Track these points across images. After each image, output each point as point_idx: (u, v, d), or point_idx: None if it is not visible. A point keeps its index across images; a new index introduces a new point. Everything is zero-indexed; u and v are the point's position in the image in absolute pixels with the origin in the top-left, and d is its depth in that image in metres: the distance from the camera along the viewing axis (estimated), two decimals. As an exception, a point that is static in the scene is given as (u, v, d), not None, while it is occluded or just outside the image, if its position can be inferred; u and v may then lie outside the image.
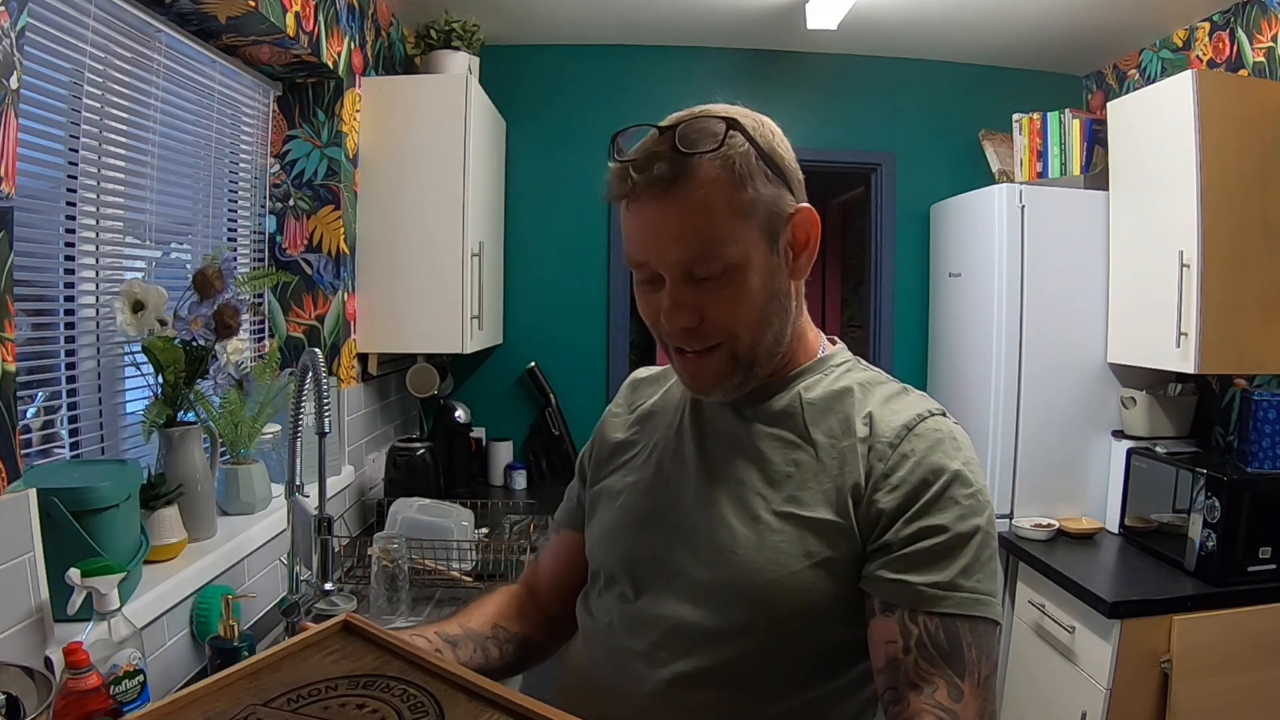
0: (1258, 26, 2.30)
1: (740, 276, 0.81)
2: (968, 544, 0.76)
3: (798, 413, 0.88)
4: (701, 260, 0.79)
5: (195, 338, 1.45)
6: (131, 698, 1.09)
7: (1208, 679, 1.96)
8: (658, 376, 1.07)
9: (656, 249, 0.80)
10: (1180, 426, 2.48)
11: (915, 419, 0.83)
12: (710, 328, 0.82)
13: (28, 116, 1.21)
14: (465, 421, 2.80)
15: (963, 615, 0.74)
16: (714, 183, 0.78)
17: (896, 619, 0.75)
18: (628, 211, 0.82)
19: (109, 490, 1.19)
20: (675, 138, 0.78)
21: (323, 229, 2.21)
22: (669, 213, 0.78)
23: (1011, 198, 2.57)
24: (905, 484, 0.79)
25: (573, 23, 2.85)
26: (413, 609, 1.75)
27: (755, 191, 0.80)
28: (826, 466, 0.83)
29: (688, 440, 0.93)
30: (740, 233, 0.80)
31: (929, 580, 0.75)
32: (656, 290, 0.83)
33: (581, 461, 1.08)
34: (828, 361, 0.93)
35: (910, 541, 0.77)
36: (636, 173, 0.78)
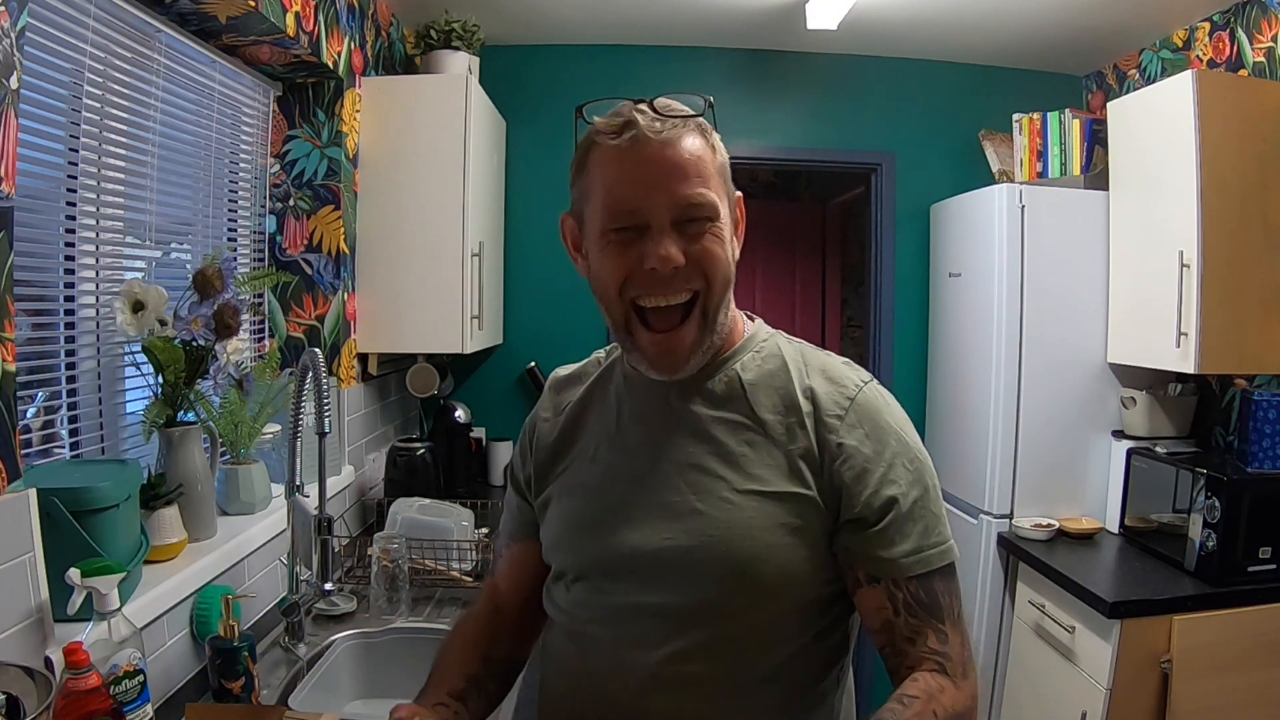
0: (1258, 26, 2.30)
1: (719, 227, 0.86)
2: (925, 508, 0.87)
3: (740, 394, 0.92)
4: (698, 200, 0.84)
5: (195, 338, 1.45)
6: (132, 698, 1.09)
7: (1208, 679, 1.96)
8: (578, 375, 1.07)
9: (656, 188, 0.83)
10: (1180, 426, 2.48)
11: (854, 389, 0.90)
12: (690, 271, 0.85)
13: (28, 116, 1.21)
14: (465, 421, 2.80)
15: (936, 569, 0.86)
16: (700, 142, 0.86)
17: (883, 588, 0.85)
18: (615, 159, 0.84)
19: (109, 490, 1.19)
20: (654, 107, 0.85)
21: (323, 229, 2.21)
22: (670, 157, 0.83)
23: (1011, 198, 2.57)
24: (858, 454, 0.87)
25: (573, 23, 2.85)
26: (413, 609, 1.75)
27: (724, 159, 0.89)
28: (778, 443, 0.89)
29: (631, 431, 0.95)
30: (718, 191, 0.87)
31: (904, 551, 0.85)
32: (635, 242, 0.85)
33: (514, 474, 1.08)
34: (754, 340, 0.97)
35: (880, 516, 0.85)
36: (641, 119, 0.83)
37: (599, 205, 0.87)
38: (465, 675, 0.97)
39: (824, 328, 4.73)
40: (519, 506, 1.07)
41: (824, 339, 4.66)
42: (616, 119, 0.85)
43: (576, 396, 1.03)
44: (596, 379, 1.03)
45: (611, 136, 0.84)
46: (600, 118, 0.87)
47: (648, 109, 0.84)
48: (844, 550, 0.87)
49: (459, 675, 0.97)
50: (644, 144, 0.83)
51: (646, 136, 0.83)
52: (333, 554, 1.53)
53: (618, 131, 0.84)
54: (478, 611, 1.08)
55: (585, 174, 0.88)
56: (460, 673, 0.98)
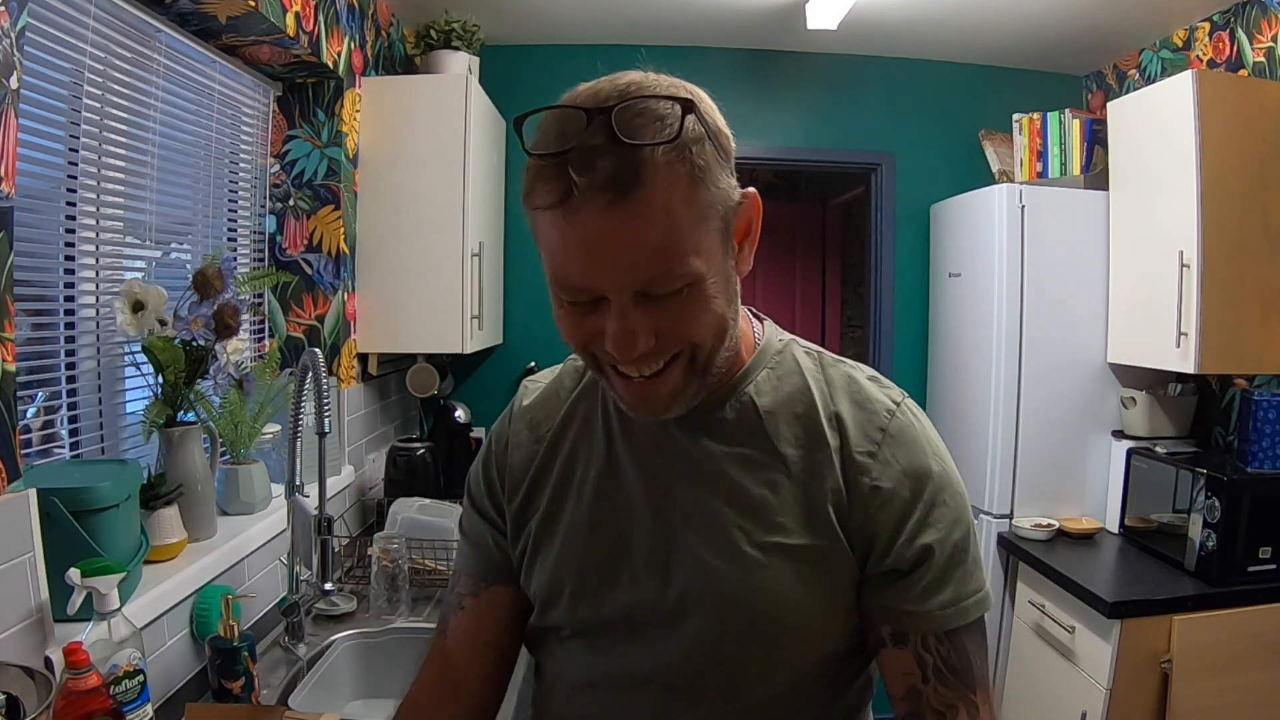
0: (1258, 26, 2.30)
1: (700, 289, 0.68)
2: (965, 551, 0.76)
3: (756, 425, 0.78)
4: (661, 279, 0.66)
5: (195, 338, 1.45)
6: (131, 698, 1.09)
7: (1208, 679, 1.96)
8: (554, 391, 0.90)
9: (605, 271, 0.66)
10: (1180, 426, 2.48)
11: (886, 416, 0.77)
12: (668, 342, 0.69)
13: (28, 116, 1.21)
14: (465, 421, 2.79)
15: (968, 623, 0.75)
16: (672, 184, 0.64)
17: (911, 650, 0.74)
18: (560, 222, 0.65)
19: (109, 490, 1.19)
20: (613, 125, 0.62)
21: (323, 229, 2.21)
22: (621, 226, 0.63)
23: (1011, 198, 2.57)
24: (895, 498, 0.74)
25: (573, 23, 2.85)
26: (413, 609, 1.75)
27: (715, 188, 0.67)
28: (801, 484, 0.76)
29: (627, 469, 0.81)
30: (702, 240, 0.67)
31: (940, 602, 0.74)
32: (592, 312, 0.69)
33: (477, 502, 0.90)
34: (767, 353, 0.82)
35: (914, 565, 0.74)
36: (577, 174, 0.62)
37: (545, 261, 0.70)
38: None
39: (824, 328, 4.73)
40: (489, 540, 0.88)
41: (824, 339, 4.66)
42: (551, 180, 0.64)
43: (557, 418, 0.87)
44: (577, 396, 0.87)
45: (548, 199, 0.64)
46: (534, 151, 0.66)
47: (601, 140, 0.62)
48: (870, 605, 0.76)
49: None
50: (590, 217, 0.63)
51: (588, 199, 0.62)
52: (333, 554, 1.53)
53: (551, 190, 0.64)
54: (427, 694, 0.88)
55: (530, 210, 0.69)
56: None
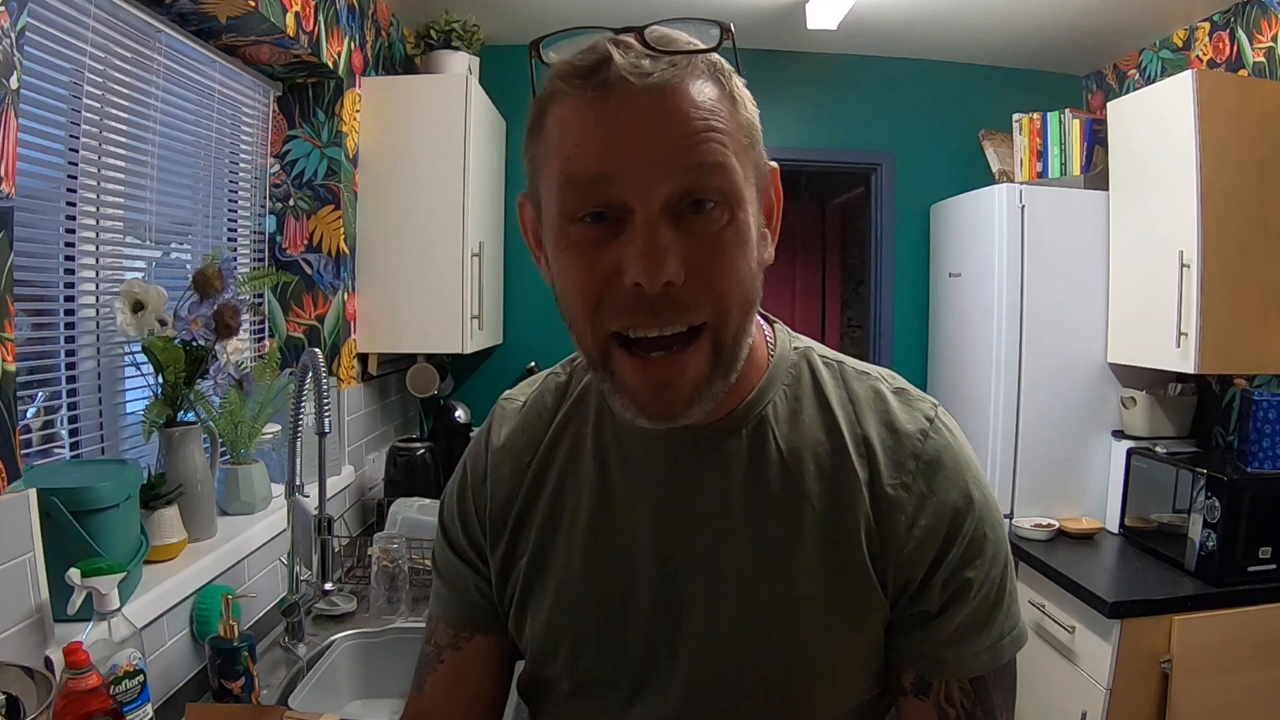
0: (1258, 26, 2.30)
1: (738, 216, 0.58)
2: (1004, 585, 0.67)
3: (775, 455, 0.68)
4: (704, 177, 0.55)
5: (195, 338, 1.45)
6: (132, 698, 1.09)
7: (1208, 679, 1.96)
8: (535, 412, 0.78)
9: (639, 160, 0.55)
10: (1180, 426, 2.48)
11: (920, 440, 0.67)
12: (694, 292, 0.57)
13: (28, 116, 1.21)
14: (465, 421, 2.79)
15: (998, 669, 0.67)
16: (712, 89, 0.57)
17: (933, 702, 0.66)
18: (588, 109, 0.56)
19: (109, 490, 1.19)
20: (645, 37, 0.57)
21: (323, 229, 2.21)
22: (665, 105, 0.55)
23: (1011, 198, 2.57)
24: (932, 535, 0.65)
25: (573, 23, 2.83)
26: (413, 609, 1.75)
27: (751, 117, 0.60)
28: (828, 524, 0.66)
29: (628, 506, 0.70)
30: (740, 159, 0.58)
31: (973, 649, 0.66)
32: (608, 241, 0.57)
33: (455, 541, 0.79)
34: (781, 366, 0.71)
35: (949, 605, 0.65)
36: (617, 55, 0.55)
37: (555, 180, 0.58)
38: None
39: (824, 328, 4.74)
40: (469, 584, 0.77)
41: (824, 339, 4.65)
42: (587, 56, 0.57)
43: (540, 444, 0.76)
44: (564, 417, 0.76)
45: (576, 81, 0.57)
46: (560, 56, 0.59)
47: (634, 41, 0.56)
48: (895, 648, 0.68)
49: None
50: (622, 91, 0.55)
51: (626, 80, 0.54)
52: (333, 554, 1.53)
53: (586, 74, 0.56)
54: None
55: (541, 134, 0.60)
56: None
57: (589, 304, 0.59)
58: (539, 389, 0.81)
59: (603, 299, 0.58)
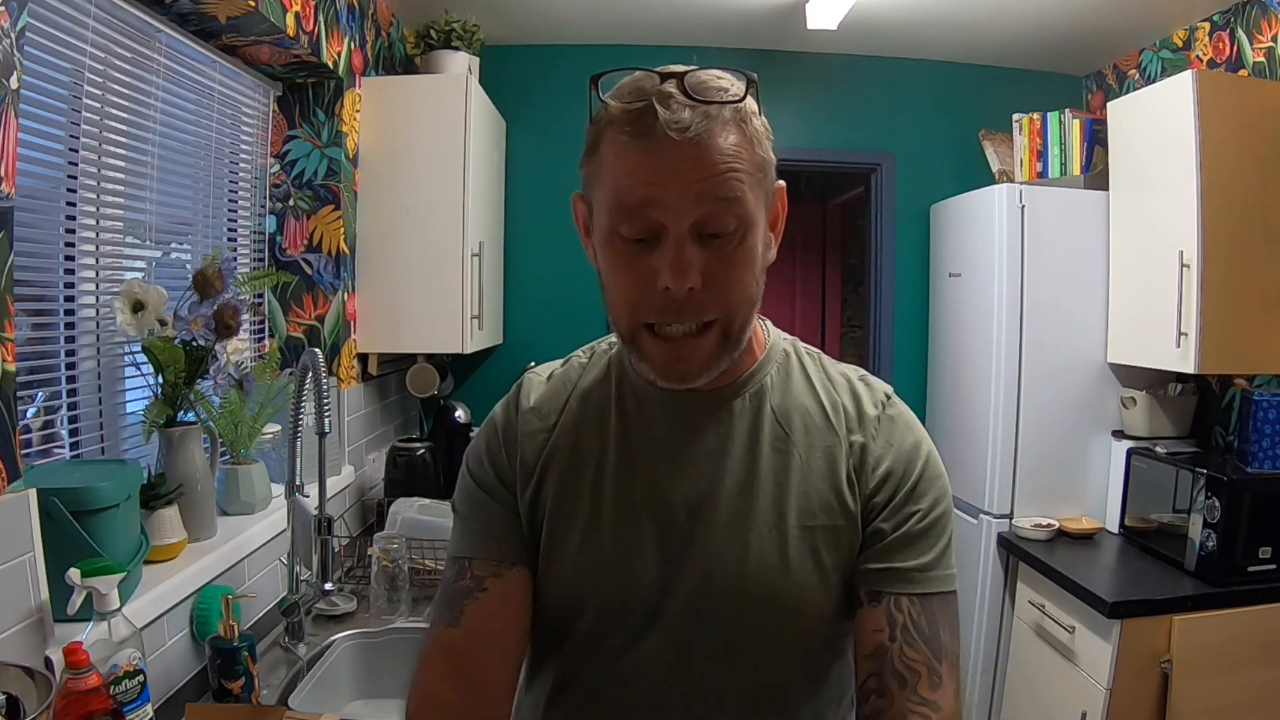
0: (1258, 26, 2.30)
1: (749, 241, 0.75)
2: (945, 525, 0.82)
3: (770, 418, 0.84)
4: (724, 210, 0.72)
5: (195, 338, 1.45)
6: (132, 698, 1.09)
7: (1208, 679, 1.96)
8: (561, 382, 0.91)
9: (674, 193, 0.71)
10: (1180, 426, 2.48)
11: (883, 402, 0.86)
12: (709, 297, 0.74)
13: (28, 116, 1.21)
14: (465, 421, 2.79)
15: (938, 593, 0.79)
16: (736, 137, 0.73)
17: (884, 607, 0.78)
18: (639, 149, 0.72)
19: (109, 490, 1.19)
20: (684, 85, 0.72)
21: (323, 229, 2.21)
22: (693, 155, 0.71)
23: (1011, 198, 2.57)
24: (893, 474, 0.82)
25: (573, 23, 2.85)
26: (413, 609, 1.75)
27: (766, 158, 0.76)
28: (814, 469, 0.82)
29: (644, 459, 0.84)
30: (753, 190, 0.74)
31: (916, 564, 0.79)
32: (647, 252, 0.74)
33: (487, 483, 0.87)
34: (774, 352, 0.88)
35: (899, 526, 0.80)
36: (662, 109, 0.70)
37: (607, 198, 0.75)
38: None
39: (824, 328, 4.74)
40: (506, 522, 0.85)
41: (824, 339, 4.66)
42: (634, 104, 0.72)
43: (563, 407, 0.89)
44: (588, 387, 0.90)
45: (625, 128, 0.72)
46: (615, 101, 0.74)
47: (675, 91, 0.71)
48: (856, 571, 0.81)
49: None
50: (664, 139, 0.70)
51: (666, 133, 0.70)
52: (333, 554, 1.53)
53: (635, 121, 0.72)
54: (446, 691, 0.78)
55: (596, 156, 0.76)
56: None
57: (629, 299, 0.77)
58: (566, 366, 0.94)
59: (640, 298, 0.76)
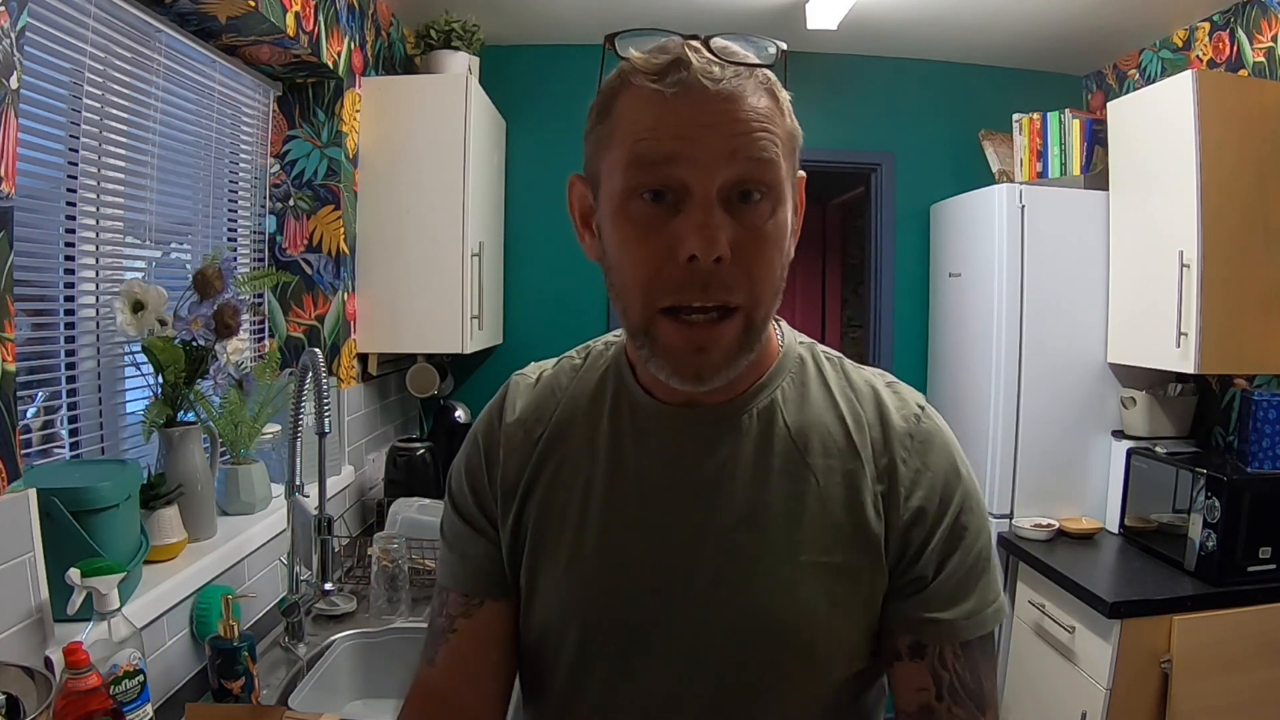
0: (1258, 26, 2.30)
1: (779, 212, 0.66)
2: (989, 558, 0.73)
3: (783, 434, 0.73)
4: (757, 171, 0.63)
5: (195, 338, 1.45)
6: (131, 698, 1.09)
7: (1208, 679, 1.96)
8: (549, 388, 0.81)
9: (703, 148, 0.62)
10: (1180, 426, 2.48)
11: (914, 422, 0.74)
12: (736, 274, 0.64)
13: (28, 116, 1.21)
14: (465, 421, 2.79)
15: (983, 634, 0.72)
16: (767, 99, 0.66)
17: (928, 664, 0.70)
18: (663, 99, 0.63)
19: (109, 490, 1.19)
20: (710, 46, 0.64)
21: (323, 229, 2.21)
22: (730, 106, 0.62)
23: (1011, 198, 2.57)
24: (929, 507, 0.71)
25: (573, 23, 2.85)
26: (413, 609, 1.75)
27: (794, 127, 0.69)
28: (832, 497, 0.71)
29: (640, 478, 0.74)
30: (784, 161, 0.66)
31: (964, 612, 0.71)
32: (667, 219, 0.63)
33: (464, 507, 0.80)
34: (789, 358, 0.77)
35: (941, 571, 0.71)
36: (692, 59, 0.63)
37: (622, 156, 0.64)
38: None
39: (824, 328, 4.74)
40: (479, 550, 0.79)
41: (824, 339, 4.65)
42: (661, 55, 0.64)
43: (551, 418, 0.79)
44: (576, 394, 0.80)
45: (652, 77, 0.63)
46: (638, 52, 0.65)
47: (702, 48, 0.64)
48: (891, 615, 0.72)
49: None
50: (696, 90, 0.62)
51: (700, 83, 0.62)
52: (333, 554, 1.53)
53: (661, 72, 0.63)
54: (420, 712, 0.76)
55: (609, 119, 0.66)
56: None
57: (644, 278, 0.65)
58: (554, 368, 0.84)
59: (657, 274, 0.64)
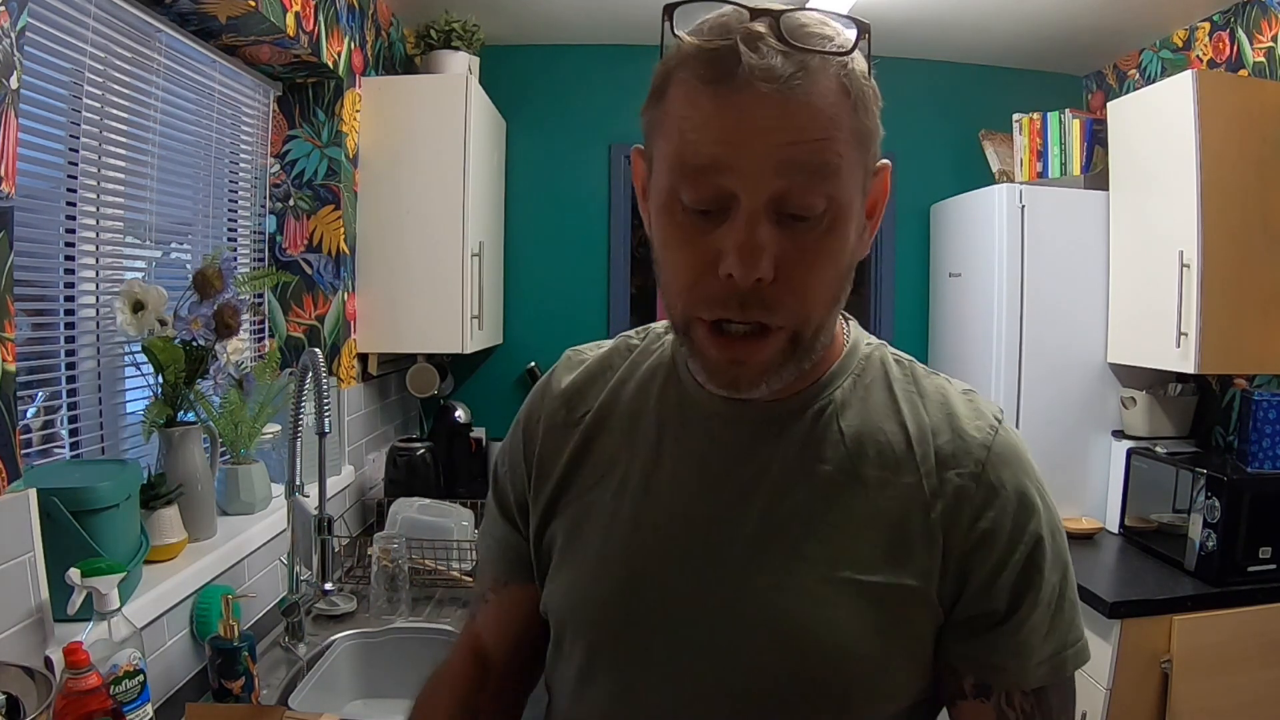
0: (1258, 26, 2.30)
1: (838, 225, 0.59)
2: (1067, 594, 0.66)
3: (836, 438, 0.67)
4: (812, 185, 0.57)
5: (195, 338, 1.45)
6: (131, 698, 1.09)
7: (1208, 679, 1.96)
8: (599, 370, 0.79)
9: (752, 154, 0.56)
10: (1180, 426, 2.48)
11: (989, 434, 0.67)
12: (781, 295, 0.59)
13: (28, 116, 1.21)
14: (465, 421, 2.80)
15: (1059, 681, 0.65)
16: (836, 99, 0.58)
17: (993, 704, 0.64)
18: (714, 98, 0.56)
19: (109, 490, 1.19)
20: (779, 25, 0.56)
21: (323, 229, 2.21)
22: (781, 112, 0.55)
23: (1011, 198, 2.57)
24: (999, 533, 0.64)
25: (573, 23, 2.85)
26: (413, 609, 1.75)
27: (870, 122, 0.62)
28: (883, 510, 0.65)
29: (679, 470, 0.70)
30: (852, 166, 0.59)
31: (1037, 658, 0.64)
32: (712, 226, 0.58)
33: (502, 494, 0.82)
34: (853, 356, 0.72)
35: (1016, 608, 0.63)
36: (748, 51, 0.55)
37: (669, 154, 0.60)
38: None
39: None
40: (508, 539, 0.81)
41: (824, 339, 4.65)
42: (716, 40, 0.57)
43: (597, 401, 0.76)
44: (627, 380, 0.77)
45: (699, 69, 0.57)
46: (692, 37, 0.58)
47: (767, 32, 0.56)
48: (954, 653, 0.66)
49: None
50: (747, 90, 0.55)
51: (750, 80, 0.55)
52: (333, 554, 1.53)
53: (713, 64, 0.56)
54: (457, 669, 0.82)
55: (661, 102, 0.61)
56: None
57: (683, 284, 0.62)
58: (608, 349, 0.81)
59: (696, 284, 0.61)
